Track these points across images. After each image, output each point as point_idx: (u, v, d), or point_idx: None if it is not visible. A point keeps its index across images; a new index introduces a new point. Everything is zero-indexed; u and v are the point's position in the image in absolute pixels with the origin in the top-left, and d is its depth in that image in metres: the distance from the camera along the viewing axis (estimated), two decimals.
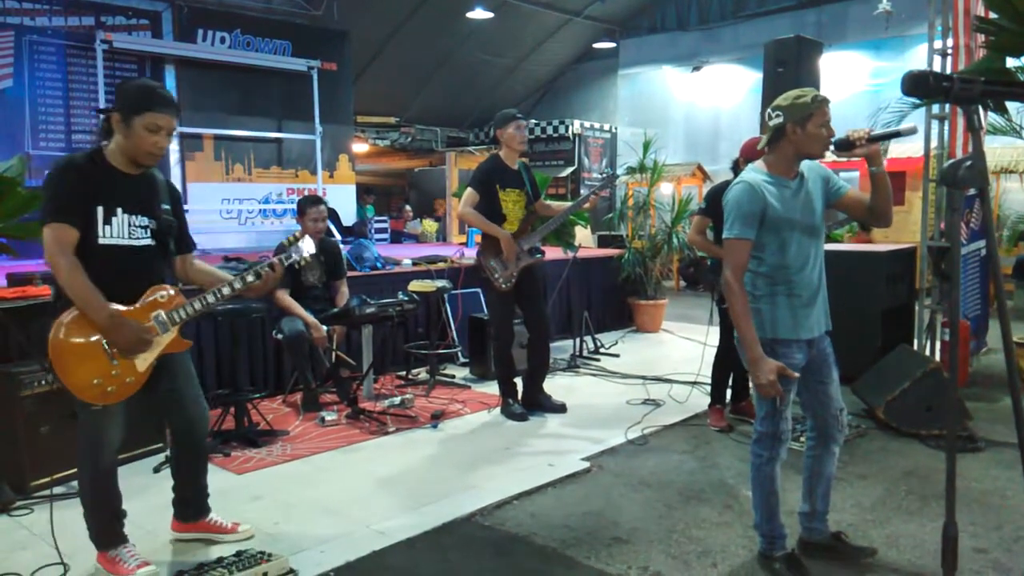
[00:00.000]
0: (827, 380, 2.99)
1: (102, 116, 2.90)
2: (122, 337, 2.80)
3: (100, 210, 2.82)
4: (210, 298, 3.00)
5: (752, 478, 3.03)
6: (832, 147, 2.80)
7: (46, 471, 3.74)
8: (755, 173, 2.86)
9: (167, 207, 3.02)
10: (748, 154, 4.57)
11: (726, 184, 4.81)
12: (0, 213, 4.10)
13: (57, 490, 3.63)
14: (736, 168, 4.74)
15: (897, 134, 2.84)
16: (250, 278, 3.00)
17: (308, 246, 3.12)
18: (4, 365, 3.89)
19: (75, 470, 3.13)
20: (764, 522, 3.01)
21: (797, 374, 2.83)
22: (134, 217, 2.90)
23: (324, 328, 5.18)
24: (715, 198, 4.77)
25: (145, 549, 3.10)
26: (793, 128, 2.78)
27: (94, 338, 2.80)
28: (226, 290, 3.00)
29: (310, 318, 5.16)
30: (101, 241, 2.82)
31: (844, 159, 2.86)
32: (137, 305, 2.89)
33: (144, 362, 2.89)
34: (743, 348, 2.81)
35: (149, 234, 2.95)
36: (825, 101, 2.78)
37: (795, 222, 2.82)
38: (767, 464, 2.95)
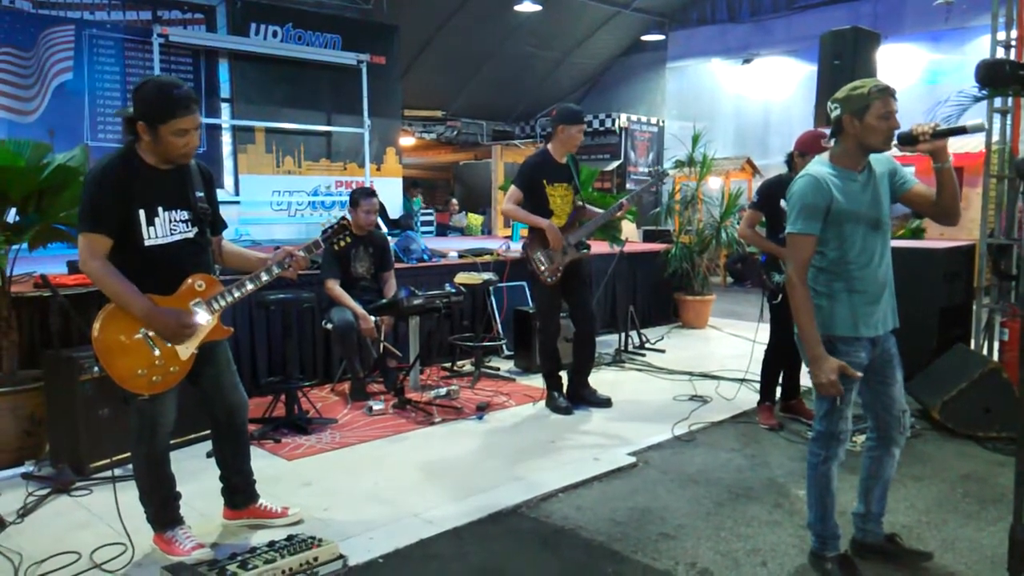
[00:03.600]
0: (890, 381, 2.90)
1: (126, 120, 2.88)
2: (164, 326, 2.85)
3: (142, 213, 2.86)
4: (249, 285, 3.05)
5: (808, 477, 2.97)
6: (895, 141, 2.71)
7: (105, 453, 3.84)
8: (820, 166, 2.78)
9: (200, 193, 3.04)
10: (803, 148, 4.48)
11: (779, 179, 4.72)
12: (62, 202, 4.23)
13: (116, 471, 3.72)
14: (791, 162, 4.64)
15: (963, 131, 2.72)
16: (276, 270, 3.08)
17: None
18: (64, 350, 4.01)
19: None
20: (818, 522, 2.95)
21: (860, 374, 2.75)
22: (174, 212, 2.94)
23: (372, 319, 5.23)
24: (768, 192, 4.69)
25: (199, 531, 3.17)
26: (850, 120, 2.69)
27: (135, 330, 2.85)
28: (264, 276, 3.07)
29: (359, 308, 5.22)
30: (147, 243, 2.87)
31: (909, 153, 2.76)
32: (174, 295, 2.93)
33: (187, 351, 2.94)
34: (803, 345, 2.75)
35: (189, 226, 2.99)
36: (886, 91, 2.67)
37: (861, 216, 2.74)
38: (824, 464, 2.89)
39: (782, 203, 4.65)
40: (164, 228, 2.92)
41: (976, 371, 4.61)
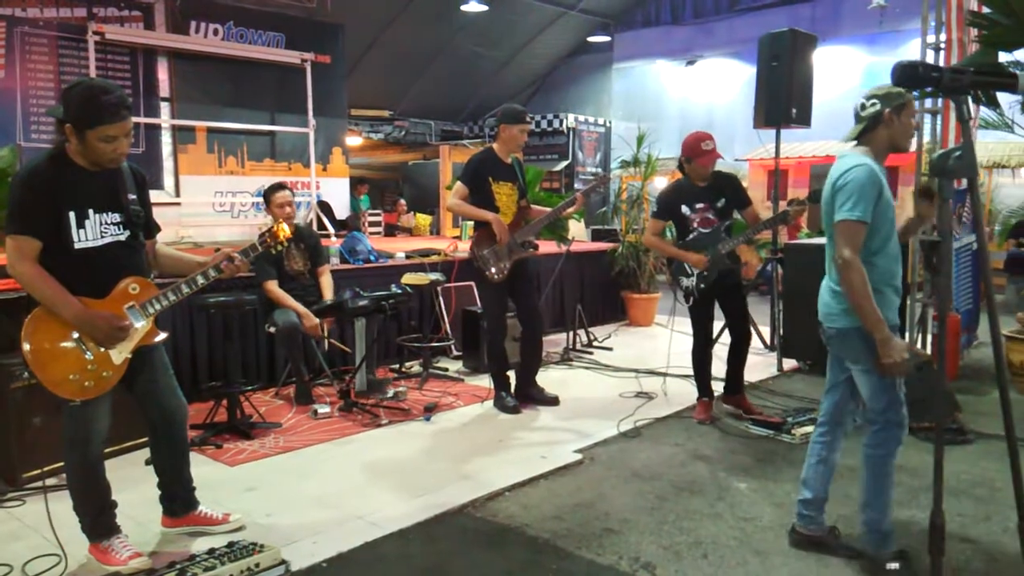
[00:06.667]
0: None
1: (57, 120, 2.79)
2: (96, 329, 2.79)
3: (72, 215, 2.79)
4: (185, 288, 3.00)
5: (871, 472, 2.89)
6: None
7: (37, 463, 3.72)
8: (867, 158, 2.80)
9: (133, 196, 2.99)
10: (689, 153, 4.60)
11: (676, 184, 4.82)
12: None
13: (49, 481, 3.61)
14: (682, 166, 4.71)
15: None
16: (213, 273, 3.03)
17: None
18: None
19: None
20: (884, 517, 2.87)
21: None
22: (105, 215, 2.88)
23: (316, 318, 5.17)
24: (667, 200, 4.80)
25: (137, 540, 3.10)
26: (890, 116, 2.77)
27: (66, 334, 2.79)
28: (200, 280, 3.02)
29: (300, 308, 5.15)
30: (77, 246, 2.81)
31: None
32: (107, 298, 2.87)
33: (120, 355, 2.88)
34: (870, 329, 2.70)
35: (121, 228, 2.93)
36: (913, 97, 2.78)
37: (894, 210, 2.82)
38: (891, 456, 2.87)
39: (683, 208, 4.73)
40: (95, 231, 2.85)
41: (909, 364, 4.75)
